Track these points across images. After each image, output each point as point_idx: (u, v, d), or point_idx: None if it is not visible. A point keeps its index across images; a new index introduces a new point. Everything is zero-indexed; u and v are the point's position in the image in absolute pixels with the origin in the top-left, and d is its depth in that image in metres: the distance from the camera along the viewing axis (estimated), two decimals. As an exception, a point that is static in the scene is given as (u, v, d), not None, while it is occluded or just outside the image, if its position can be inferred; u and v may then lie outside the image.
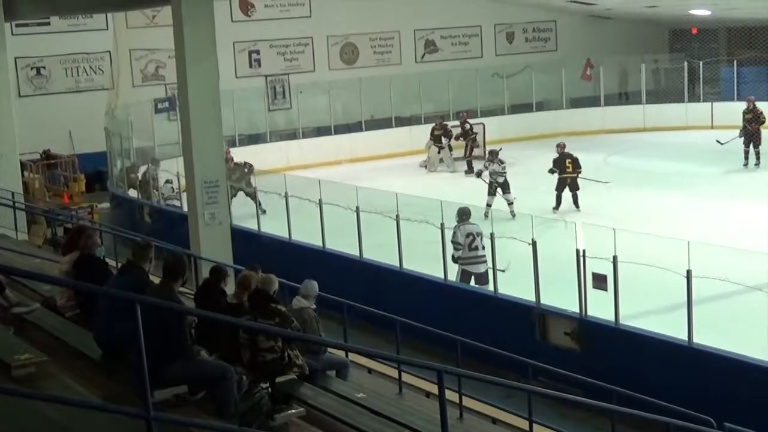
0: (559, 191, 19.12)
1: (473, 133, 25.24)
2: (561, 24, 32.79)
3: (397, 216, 13.98)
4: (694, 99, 29.55)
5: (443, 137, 24.98)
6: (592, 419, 10.52)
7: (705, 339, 10.65)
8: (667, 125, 28.49)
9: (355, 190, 14.99)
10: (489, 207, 18.02)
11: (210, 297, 8.31)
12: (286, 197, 16.22)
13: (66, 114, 25.60)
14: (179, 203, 19.19)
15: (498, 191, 18.79)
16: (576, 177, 19.16)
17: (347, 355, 10.05)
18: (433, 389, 8.24)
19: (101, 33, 26.39)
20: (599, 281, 11.35)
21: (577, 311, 11.69)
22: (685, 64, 29.81)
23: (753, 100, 23.75)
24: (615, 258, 11.05)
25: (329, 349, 9.58)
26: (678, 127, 28.41)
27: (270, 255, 14.84)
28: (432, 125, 25.58)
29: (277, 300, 8.50)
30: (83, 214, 19.66)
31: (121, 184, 22.10)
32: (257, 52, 28.86)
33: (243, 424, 6.71)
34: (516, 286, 12.69)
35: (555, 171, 19.26)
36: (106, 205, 22.52)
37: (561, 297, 12.06)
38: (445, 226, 13.37)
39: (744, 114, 23.39)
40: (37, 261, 12.24)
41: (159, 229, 17.81)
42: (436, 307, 13.36)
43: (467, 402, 9.78)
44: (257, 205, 18.63)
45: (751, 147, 22.96)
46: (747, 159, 23.03)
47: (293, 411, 7.40)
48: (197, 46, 13.24)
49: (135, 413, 5.39)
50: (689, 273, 10.44)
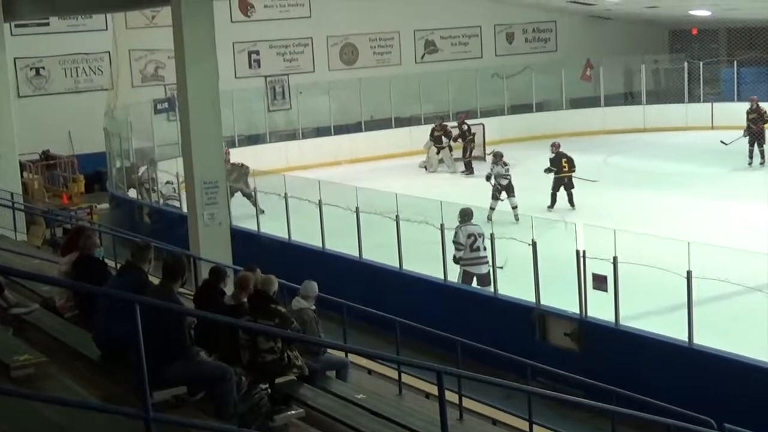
0: (555, 190, 19.18)
1: (471, 134, 25.22)
2: (561, 24, 32.75)
3: (397, 216, 13.97)
4: (694, 99, 29.52)
5: (443, 137, 24.98)
6: (592, 420, 10.50)
7: (705, 340, 10.65)
8: (668, 126, 28.49)
9: (355, 190, 14.97)
10: (492, 210, 17.99)
11: (209, 298, 8.29)
12: (285, 198, 16.20)
13: (65, 114, 25.58)
14: (179, 203, 19.16)
15: (502, 194, 18.47)
16: (572, 176, 19.22)
17: (347, 356, 10.03)
18: (433, 390, 8.22)
19: (100, 33, 26.35)
20: (599, 282, 11.34)
21: (577, 312, 11.68)
22: (685, 64, 29.80)
23: (756, 99, 23.82)
24: (615, 259, 11.04)
25: (329, 350, 9.57)
26: (678, 128, 28.42)
27: (270, 256, 14.84)
28: (432, 126, 25.57)
29: (277, 301, 8.49)
30: (82, 214, 19.65)
31: (121, 184, 22.09)
32: (257, 52, 28.82)
33: (242, 425, 6.70)
34: (516, 286, 12.69)
35: (552, 170, 19.25)
36: (105, 206, 22.48)
37: (561, 298, 12.05)
38: (445, 226, 13.34)
39: (748, 114, 23.48)
40: (36, 262, 12.24)
41: (158, 230, 17.80)
42: (435, 308, 13.34)
43: (467, 403, 9.78)
44: (255, 206, 18.59)
45: (756, 146, 23.10)
46: (751, 158, 23.13)
47: (293, 412, 7.40)
48: (197, 46, 13.21)
49: (134, 414, 5.39)
50: (689, 273, 10.44)
